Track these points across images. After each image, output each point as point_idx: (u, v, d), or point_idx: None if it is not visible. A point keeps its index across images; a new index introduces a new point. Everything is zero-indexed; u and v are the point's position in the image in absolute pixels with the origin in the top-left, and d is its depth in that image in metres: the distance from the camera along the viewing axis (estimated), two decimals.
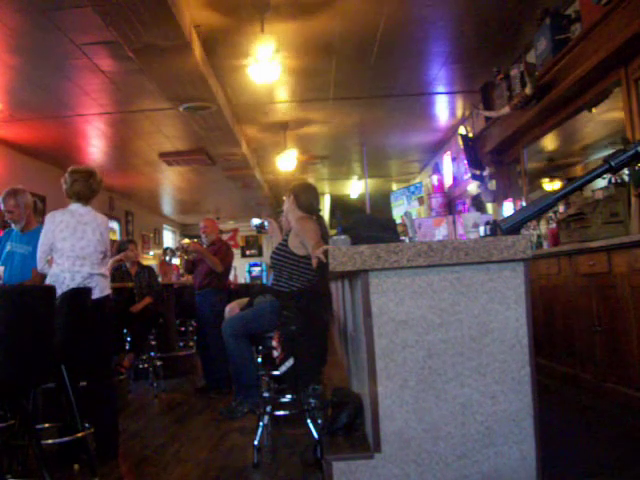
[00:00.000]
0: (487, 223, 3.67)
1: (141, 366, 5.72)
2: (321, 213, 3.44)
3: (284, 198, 3.57)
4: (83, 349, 3.03)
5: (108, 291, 3.36)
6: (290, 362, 2.98)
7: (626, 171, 3.63)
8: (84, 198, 3.29)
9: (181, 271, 7.90)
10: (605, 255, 3.49)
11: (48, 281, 3.14)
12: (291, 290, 3.23)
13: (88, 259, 3.21)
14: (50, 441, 3.00)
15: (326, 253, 2.32)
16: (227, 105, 6.79)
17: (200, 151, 8.55)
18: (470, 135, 7.28)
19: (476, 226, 3.09)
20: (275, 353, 3.03)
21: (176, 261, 7.43)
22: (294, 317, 3.07)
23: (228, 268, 5.43)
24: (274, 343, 3.04)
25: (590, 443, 2.88)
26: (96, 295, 3.21)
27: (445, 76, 6.51)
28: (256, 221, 3.94)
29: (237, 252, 14.78)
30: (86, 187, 3.28)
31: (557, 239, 4.39)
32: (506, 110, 5.55)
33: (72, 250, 3.16)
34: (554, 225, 4.53)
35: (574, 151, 6.63)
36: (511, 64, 5.61)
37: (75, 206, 3.28)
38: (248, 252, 16.70)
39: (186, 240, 5.56)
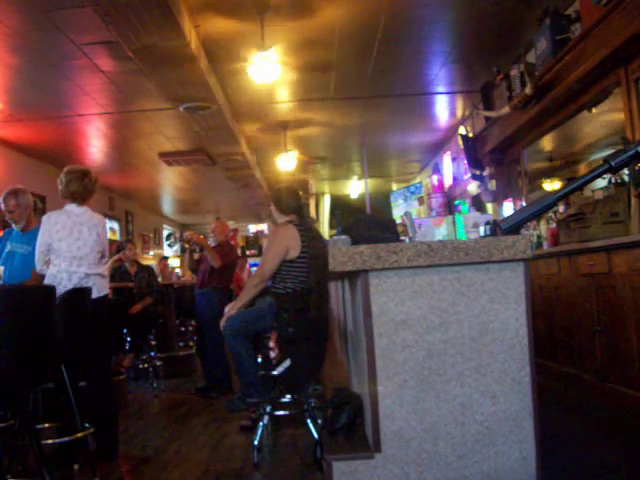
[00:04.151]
0: (487, 223, 3.66)
1: (141, 366, 5.71)
2: (320, 214, 3.45)
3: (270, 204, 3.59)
4: (82, 349, 3.03)
5: (106, 291, 3.36)
6: (287, 363, 2.98)
7: (626, 171, 3.63)
8: (79, 198, 3.29)
9: (186, 265, 7.88)
10: (605, 255, 3.49)
11: (46, 282, 3.14)
12: (286, 292, 3.24)
13: (85, 259, 3.21)
14: (50, 441, 3.00)
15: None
16: (227, 105, 6.79)
17: (200, 151, 8.54)
18: (470, 135, 7.28)
19: (476, 226, 3.08)
20: (272, 354, 3.04)
21: (175, 253, 7.39)
22: (291, 319, 3.07)
23: (231, 267, 5.43)
24: (271, 344, 3.04)
25: (590, 443, 2.88)
26: (94, 295, 3.21)
27: (445, 76, 6.51)
28: (254, 228, 3.95)
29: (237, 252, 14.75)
30: (81, 187, 3.28)
31: (557, 239, 4.39)
32: (506, 110, 5.55)
33: (69, 251, 3.17)
34: (554, 225, 4.53)
35: (574, 151, 6.63)
36: (511, 64, 5.61)
37: (71, 206, 3.28)
38: (248, 252, 16.68)
39: (190, 232, 5.57)
